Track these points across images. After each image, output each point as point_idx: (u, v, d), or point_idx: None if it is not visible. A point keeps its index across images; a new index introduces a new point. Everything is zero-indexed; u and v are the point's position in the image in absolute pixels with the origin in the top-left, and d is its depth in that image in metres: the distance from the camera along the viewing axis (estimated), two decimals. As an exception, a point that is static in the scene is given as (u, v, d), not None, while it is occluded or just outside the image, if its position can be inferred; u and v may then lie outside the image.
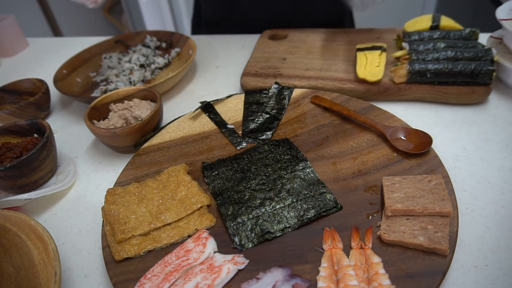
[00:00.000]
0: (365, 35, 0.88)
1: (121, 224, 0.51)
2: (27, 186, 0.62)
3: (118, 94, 0.73)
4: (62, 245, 0.56)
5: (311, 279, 0.43)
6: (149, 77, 0.89)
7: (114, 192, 0.56)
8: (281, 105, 0.72)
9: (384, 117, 0.64)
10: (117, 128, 0.63)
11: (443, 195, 0.48)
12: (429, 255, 0.43)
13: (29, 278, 0.47)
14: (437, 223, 0.45)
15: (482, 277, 0.44)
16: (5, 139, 0.67)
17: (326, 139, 0.63)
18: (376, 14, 1.41)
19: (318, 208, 0.51)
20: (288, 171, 0.57)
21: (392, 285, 0.41)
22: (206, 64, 0.96)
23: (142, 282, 0.45)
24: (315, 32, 0.93)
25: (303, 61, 0.82)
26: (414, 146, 0.58)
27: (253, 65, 0.83)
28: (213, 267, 0.45)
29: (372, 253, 0.45)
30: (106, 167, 0.69)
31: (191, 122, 0.71)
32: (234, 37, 1.06)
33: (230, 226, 0.51)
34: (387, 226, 0.47)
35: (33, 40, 1.26)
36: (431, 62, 0.68)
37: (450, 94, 0.68)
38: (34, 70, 1.07)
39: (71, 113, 0.85)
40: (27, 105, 0.77)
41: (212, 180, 0.58)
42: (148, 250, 0.50)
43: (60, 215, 0.61)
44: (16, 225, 0.49)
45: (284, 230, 0.49)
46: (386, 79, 0.72)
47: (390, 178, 0.52)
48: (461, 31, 0.76)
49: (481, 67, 0.65)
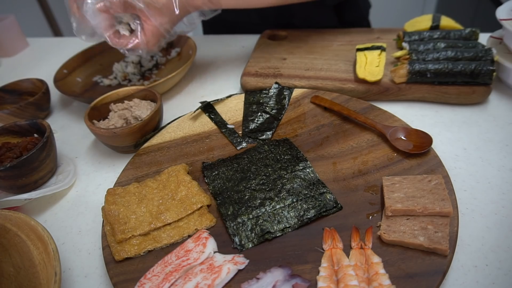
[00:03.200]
0: (365, 35, 0.88)
1: (121, 224, 0.52)
2: (27, 186, 0.62)
3: (118, 94, 0.73)
4: (62, 245, 0.56)
5: (311, 279, 0.43)
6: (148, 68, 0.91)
7: (114, 192, 0.56)
8: (281, 105, 0.72)
9: (384, 117, 0.64)
10: (117, 128, 0.63)
11: (443, 195, 0.48)
12: (429, 255, 0.43)
13: (29, 278, 0.47)
14: (437, 223, 0.45)
15: (482, 277, 0.44)
16: (5, 139, 0.67)
17: (326, 139, 0.63)
18: (376, 14, 1.41)
19: (318, 208, 0.51)
20: (288, 171, 0.57)
21: (392, 285, 0.41)
22: (206, 64, 0.96)
23: (142, 282, 0.45)
24: (315, 32, 0.93)
25: (303, 61, 0.82)
26: (414, 146, 0.58)
27: (253, 65, 0.83)
28: (213, 267, 0.45)
29: (372, 253, 0.45)
30: (106, 167, 0.69)
31: (191, 122, 0.71)
32: (234, 37, 1.06)
33: (230, 226, 0.51)
34: (387, 226, 0.47)
35: (33, 40, 1.26)
36: (431, 62, 0.68)
37: (450, 94, 0.68)
38: (34, 70, 1.07)
39: (71, 113, 0.85)
40: (27, 105, 0.77)
41: (212, 180, 0.58)
42: (148, 250, 0.50)
43: (60, 215, 0.61)
44: (16, 225, 0.49)
45: (284, 230, 0.49)
46: (386, 79, 0.72)
47: (390, 178, 0.52)
48: (461, 31, 0.76)
49: (481, 67, 0.65)
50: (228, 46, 1.02)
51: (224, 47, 1.02)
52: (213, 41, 1.06)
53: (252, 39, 1.00)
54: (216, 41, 1.05)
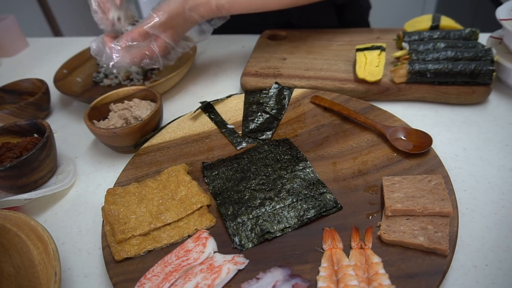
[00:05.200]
0: (365, 35, 0.88)
1: (121, 224, 0.52)
2: (27, 186, 0.62)
3: (118, 94, 0.73)
4: (62, 245, 0.56)
5: (311, 279, 0.43)
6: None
7: (114, 192, 0.56)
8: (281, 105, 0.72)
9: (384, 117, 0.64)
10: (117, 128, 0.64)
11: (443, 195, 0.48)
12: (429, 255, 0.43)
13: (29, 278, 0.47)
14: (437, 223, 0.46)
15: (482, 277, 0.44)
16: (5, 139, 0.67)
17: (326, 139, 0.63)
18: (376, 14, 1.41)
19: (318, 208, 0.51)
20: (288, 171, 0.57)
21: (392, 285, 0.41)
22: (206, 64, 0.96)
23: (142, 282, 0.45)
24: (315, 32, 0.93)
25: (303, 61, 0.82)
26: (414, 146, 0.58)
27: (253, 65, 0.83)
28: (213, 267, 0.45)
29: (372, 253, 0.45)
30: (106, 167, 0.69)
31: (191, 122, 0.71)
32: (234, 37, 1.06)
33: (230, 226, 0.51)
34: (387, 226, 0.47)
35: (33, 40, 1.26)
36: (431, 62, 0.68)
37: (450, 94, 0.68)
38: (34, 70, 1.07)
39: (71, 113, 0.85)
40: (27, 105, 0.77)
41: (212, 180, 0.58)
42: (148, 250, 0.50)
43: (60, 215, 0.61)
44: (16, 225, 0.49)
45: (284, 230, 0.49)
46: (386, 79, 0.72)
47: (390, 178, 0.52)
48: (461, 31, 0.76)
49: (481, 67, 0.65)
50: (228, 46, 1.02)
51: (224, 47, 1.02)
52: (213, 41, 1.06)
53: (252, 39, 1.00)
54: (216, 41, 1.05)
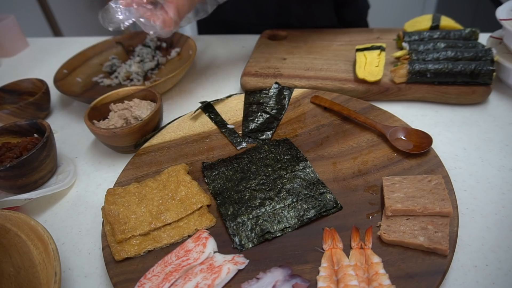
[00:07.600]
0: (365, 35, 0.88)
1: (121, 224, 0.52)
2: (27, 186, 0.62)
3: (118, 94, 0.73)
4: (62, 245, 0.56)
5: (311, 279, 0.43)
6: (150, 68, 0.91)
7: (114, 192, 0.56)
8: (281, 105, 0.72)
9: (384, 117, 0.64)
10: (117, 128, 0.63)
11: (443, 195, 0.48)
12: (429, 255, 0.43)
13: (29, 278, 0.47)
14: (437, 223, 0.45)
15: (482, 277, 0.44)
16: (5, 139, 0.67)
17: (326, 139, 0.63)
18: (376, 14, 1.41)
19: (318, 208, 0.51)
20: (288, 171, 0.57)
21: (392, 285, 0.41)
22: (206, 64, 0.96)
23: (142, 282, 0.45)
24: (315, 32, 0.93)
25: (303, 61, 0.82)
26: (414, 146, 0.58)
27: (253, 65, 0.83)
28: (213, 267, 0.45)
29: (372, 253, 0.45)
30: (106, 167, 0.69)
31: (191, 122, 0.71)
32: (234, 37, 1.06)
33: (230, 226, 0.51)
34: (387, 226, 0.47)
35: (33, 40, 1.26)
36: (431, 62, 0.68)
37: (450, 94, 0.68)
38: (34, 70, 1.07)
39: (71, 113, 0.85)
40: (27, 105, 0.77)
41: (212, 180, 0.58)
42: (148, 250, 0.50)
43: (60, 215, 0.61)
44: (16, 225, 0.49)
45: (284, 230, 0.49)
46: (386, 79, 0.72)
47: (390, 178, 0.52)
48: (461, 31, 0.76)
49: (481, 67, 0.65)
50: (228, 46, 1.02)
51: (224, 47, 1.02)
52: (213, 41, 1.06)
53: (252, 39, 1.00)
54: (216, 41, 1.05)
